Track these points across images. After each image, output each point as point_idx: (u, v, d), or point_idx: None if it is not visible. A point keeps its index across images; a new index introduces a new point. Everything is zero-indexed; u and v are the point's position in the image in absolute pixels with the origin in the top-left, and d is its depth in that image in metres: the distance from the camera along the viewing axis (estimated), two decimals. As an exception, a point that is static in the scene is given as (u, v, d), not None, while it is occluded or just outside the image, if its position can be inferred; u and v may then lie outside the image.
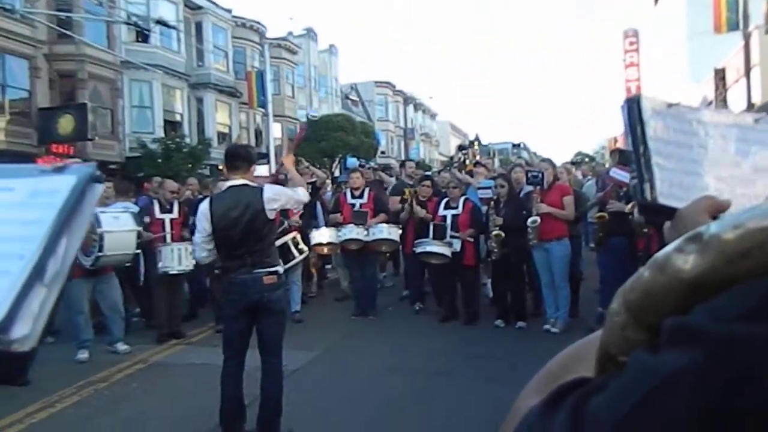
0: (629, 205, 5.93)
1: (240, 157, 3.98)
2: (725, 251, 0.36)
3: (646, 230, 5.81)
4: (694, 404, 0.32)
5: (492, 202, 6.84)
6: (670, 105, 0.81)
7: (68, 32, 16.93)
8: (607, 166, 11.22)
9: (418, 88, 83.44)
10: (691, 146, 0.79)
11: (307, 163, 9.37)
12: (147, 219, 6.64)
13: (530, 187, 6.65)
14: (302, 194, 4.19)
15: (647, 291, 0.40)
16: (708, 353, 0.33)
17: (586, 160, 34.39)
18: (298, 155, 9.78)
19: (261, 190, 3.91)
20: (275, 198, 3.90)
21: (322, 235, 7.52)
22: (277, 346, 3.92)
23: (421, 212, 7.41)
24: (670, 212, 0.74)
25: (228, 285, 3.91)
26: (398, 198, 8.07)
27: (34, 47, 17.50)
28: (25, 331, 0.58)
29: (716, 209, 0.70)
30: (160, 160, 18.81)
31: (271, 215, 3.86)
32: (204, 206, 3.91)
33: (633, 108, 0.79)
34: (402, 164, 10.37)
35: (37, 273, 0.60)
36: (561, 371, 0.53)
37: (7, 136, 16.59)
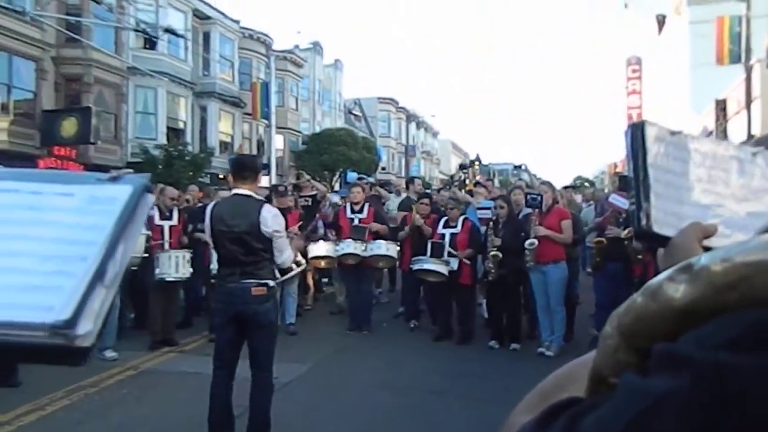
0: (625, 231, 5.96)
1: (248, 168, 4.02)
2: (713, 282, 0.39)
3: (640, 257, 5.83)
4: (682, 427, 0.34)
5: (491, 223, 6.86)
6: (673, 133, 0.82)
7: (77, 36, 17.06)
8: (606, 191, 11.27)
9: (421, 106, 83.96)
10: (689, 175, 0.80)
11: (308, 177, 9.42)
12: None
13: (529, 210, 6.68)
14: (287, 256, 3.99)
15: (639, 317, 0.42)
16: (694, 379, 0.35)
17: (586, 184, 34.50)
18: (298, 168, 9.82)
19: (261, 206, 3.90)
20: (271, 223, 3.82)
21: (320, 248, 7.53)
22: (267, 359, 3.89)
23: (419, 220, 7.46)
24: (664, 240, 0.76)
25: (217, 293, 3.95)
26: (404, 213, 8.09)
27: (42, 50, 17.63)
28: (89, 327, 0.62)
29: (704, 235, 0.73)
30: (161, 167, 18.85)
31: (265, 233, 3.81)
32: (209, 208, 4.05)
33: (636, 134, 0.80)
34: (411, 181, 10.52)
35: (99, 275, 0.64)
36: (554, 390, 0.55)
37: (10, 137, 16.64)
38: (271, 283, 3.93)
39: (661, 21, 27.94)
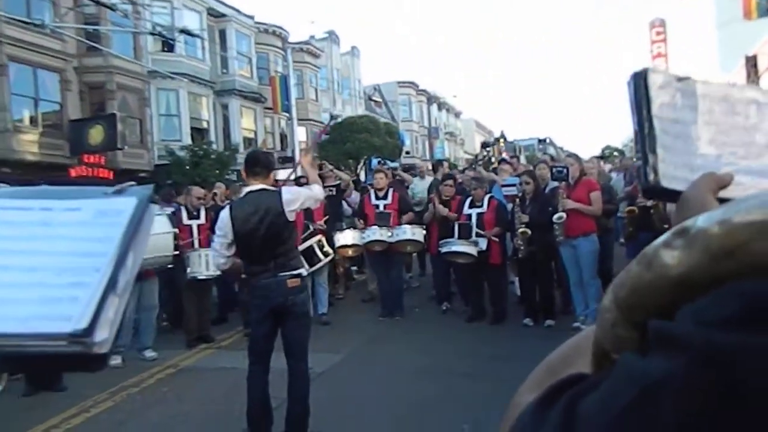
0: (650, 201, 5.81)
1: (260, 163, 4.01)
2: (710, 248, 0.35)
3: (667, 226, 5.68)
4: (679, 411, 0.32)
5: (517, 200, 6.77)
6: (680, 78, 0.76)
7: (96, 45, 17.31)
8: (635, 159, 11.02)
9: (441, 87, 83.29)
10: (699, 124, 0.74)
11: (330, 166, 9.41)
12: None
13: (555, 183, 6.56)
14: (318, 191, 4.17)
15: (635, 288, 0.38)
16: (688, 361, 0.32)
17: (615, 153, 33.84)
18: (321, 158, 9.83)
19: (279, 193, 3.93)
20: (293, 198, 3.92)
21: (346, 237, 7.53)
22: (303, 350, 3.93)
23: (443, 211, 7.37)
24: (674, 194, 0.69)
25: (252, 289, 3.94)
26: (436, 196, 8.03)
27: (65, 60, 17.95)
28: (105, 335, 0.66)
29: (719, 185, 0.65)
30: (188, 167, 19.11)
31: (290, 217, 3.87)
32: (225, 213, 3.93)
33: (639, 83, 0.74)
34: (439, 164, 10.46)
35: (111, 284, 0.68)
36: (561, 365, 0.52)
37: (41, 148, 17.04)
38: (304, 272, 4.01)
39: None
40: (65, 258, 0.71)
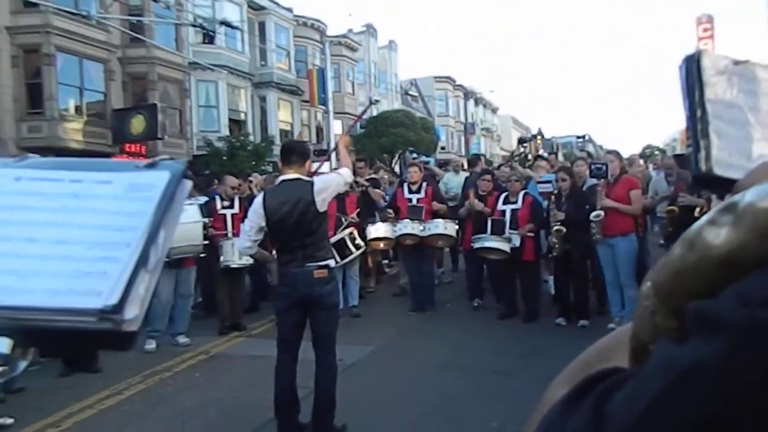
0: (698, 208, 5.63)
1: (295, 152, 4.02)
2: (759, 224, 0.31)
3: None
4: (715, 401, 0.28)
5: (553, 197, 6.64)
6: (737, 62, 0.71)
7: (139, 36, 17.71)
8: (687, 147, 10.69)
9: (478, 82, 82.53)
10: (759, 109, 0.69)
11: (361, 164, 9.43)
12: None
13: (594, 181, 6.41)
14: (346, 174, 4.18)
15: (676, 271, 0.35)
16: (729, 343, 0.29)
17: (656, 153, 32.99)
18: (357, 151, 9.84)
19: (312, 183, 3.94)
20: (324, 187, 3.93)
21: (378, 230, 7.51)
22: (330, 341, 3.92)
23: (479, 205, 7.28)
24: (729, 184, 0.63)
25: (280, 278, 3.97)
26: (472, 191, 7.98)
27: (109, 51, 18.40)
28: (135, 312, 0.64)
29: None
30: (225, 158, 19.40)
31: (321, 207, 3.87)
32: (258, 200, 4.00)
33: (692, 67, 0.69)
34: (477, 158, 10.41)
35: (143, 260, 0.66)
36: (596, 360, 0.49)
37: (85, 137, 17.54)
38: (332, 263, 3.99)
39: (734, -26, 26.11)
40: (95, 231, 0.69)
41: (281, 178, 4.02)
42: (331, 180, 4.08)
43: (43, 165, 0.78)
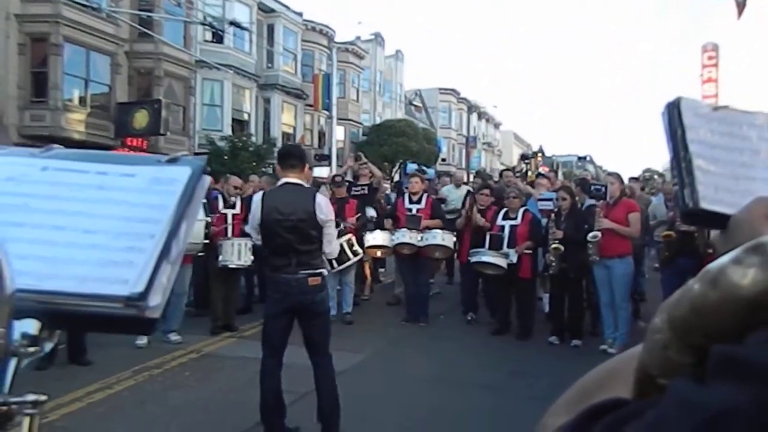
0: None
1: (294, 156, 4.00)
2: None
3: (711, 251, 5.51)
4: None
5: (552, 215, 6.66)
6: (716, 108, 0.75)
7: (148, 31, 17.75)
8: (673, 185, 10.72)
9: (482, 97, 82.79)
10: (741, 150, 0.72)
11: (365, 160, 9.45)
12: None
13: (592, 201, 6.44)
14: (335, 247, 4.24)
15: (696, 308, 0.34)
16: (762, 395, 0.28)
17: (656, 177, 33.08)
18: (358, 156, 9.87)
19: (314, 194, 3.93)
20: (326, 212, 3.88)
21: (376, 238, 7.52)
22: (325, 345, 3.91)
23: (480, 220, 7.30)
24: (718, 219, 0.66)
25: (272, 283, 3.92)
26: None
27: (117, 44, 18.45)
28: (158, 300, 0.68)
29: None
30: (226, 158, 19.40)
31: (319, 220, 3.84)
32: (257, 197, 4.05)
33: (673, 112, 0.73)
34: (501, 173, 10.55)
35: (165, 252, 0.70)
36: (595, 389, 0.49)
37: (88, 128, 17.54)
38: (325, 272, 3.97)
39: (741, 4, 26.32)
40: (121, 222, 0.72)
41: (283, 180, 3.99)
42: (329, 215, 3.96)
43: (69, 156, 0.81)
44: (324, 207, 3.87)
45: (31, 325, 0.65)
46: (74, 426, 4.14)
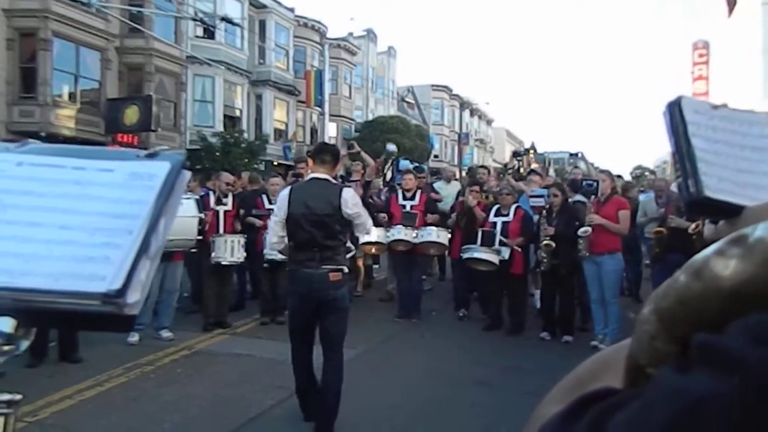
0: (693, 226, 5.70)
1: (329, 152, 4.05)
2: None
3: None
4: None
5: (544, 212, 6.69)
6: (715, 107, 0.76)
7: (139, 27, 17.62)
8: (676, 178, 10.82)
9: (475, 93, 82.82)
10: (742, 146, 0.74)
11: (358, 148, 9.43)
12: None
13: (579, 197, 6.49)
14: (369, 227, 4.20)
15: (681, 299, 0.35)
16: (741, 382, 0.29)
17: (647, 173, 33.28)
18: (351, 156, 9.85)
19: (341, 189, 3.96)
20: (352, 205, 3.91)
21: (371, 234, 7.50)
22: (340, 341, 3.97)
23: (472, 202, 7.36)
24: (720, 208, 0.68)
25: (293, 277, 3.95)
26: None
27: (107, 40, 18.30)
28: (137, 297, 0.67)
29: None
30: (218, 154, 19.32)
31: (345, 215, 3.88)
32: (284, 192, 4.05)
33: (674, 110, 0.75)
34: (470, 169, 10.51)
35: (144, 247, 0.69)
36: (589, 378, 0.49)
37: (77, 124, 17.40)
38: (346, 269, 4.00)
39: (731, 2, 26.50)
40: (98, 218, 0.71)
41: (311, 175, 4.03)
42: (360, 209, 4.02)
43: (45, 151, 0.79)
44: (350, 201, 3.91)
45: (6, 323, 0.64)
46: (65, 424, 4.13)
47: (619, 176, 11.14)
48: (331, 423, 3.89)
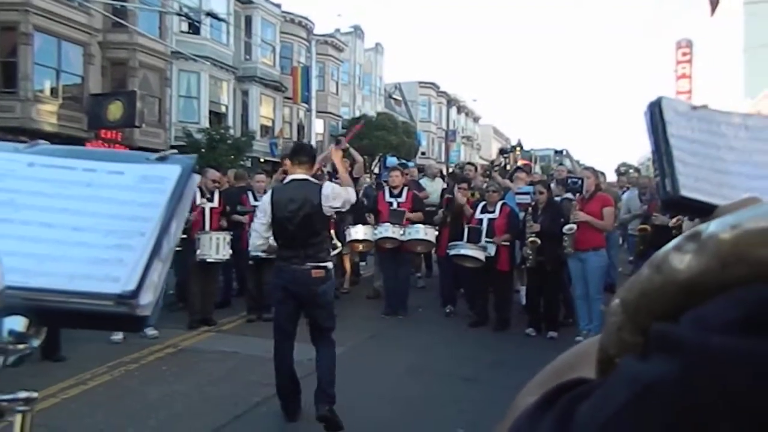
0: (674, 219, 5.76)
1: (305, 153, 4.18)
2: (720, 253, 0.34)
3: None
4: (670, 417, 0.31)
5: (530, 208, 6.73)
6: (694, 107, 0.80)
7: (122, 21, 17.41)
8: (654, 176, 10.93)
9: (462, 91, 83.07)
10: (718, 146, 0.77)
11: (346, 145, 9.38)
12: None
13: (568, 195, 6.53)
14: (352, 194, 4.30)
15: (644, 291, 0.37)
16: (684, 365, 0.31)
17: (631, 171, 33.58)
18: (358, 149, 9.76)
19: (320, 186, 4.06)
20: (333, 196, 4.04)
21: (358, 232, 7.51)
22: (328, 334, 4.09)
23: (461, 199, 7.42)
24: (695, 207, 0.71)
25: (278, 272, 4.07)
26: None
27: (90, 35, 18.06)
28: (150, 298, 0.68)
29: None
30: (203, 150, 19.18)
31: (327, 212, 4.03)
32: (267, 196, 4.16)
33: (655, 110, 0.78)
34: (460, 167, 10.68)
35: (156, 249, 0.70)
36: (566, 370, 0.51)
37: (60, 120, 17.17)
38: (329, 265, 4.12)
39: (714, 1, 26.77)
40: (110, 220, 0.72)
41: (290, 177, 4.14)
42: (340, 193, 4.14)
43: (55, 152, 0.80)
44: (330, 195, 4.02)
45: (18, 322, 0.64)
46: (49, 423, 4.08)
47: (602, 173, 11.21)
48: (334, 412, 3.95)
